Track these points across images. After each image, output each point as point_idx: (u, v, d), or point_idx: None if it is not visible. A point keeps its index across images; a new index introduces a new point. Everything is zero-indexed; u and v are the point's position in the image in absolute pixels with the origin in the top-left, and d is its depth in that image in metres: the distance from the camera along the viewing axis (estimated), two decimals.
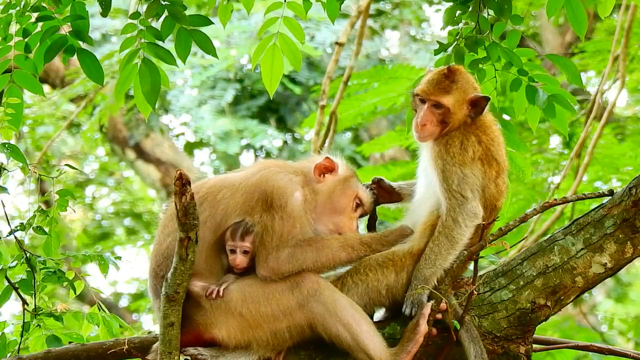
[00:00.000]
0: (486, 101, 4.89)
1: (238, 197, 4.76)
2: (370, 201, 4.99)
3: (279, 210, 4.70)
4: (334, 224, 4.88)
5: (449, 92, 4.87)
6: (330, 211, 4.88)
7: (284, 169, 4.86)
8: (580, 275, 4.72)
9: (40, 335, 5.31)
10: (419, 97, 4.93)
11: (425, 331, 4.65)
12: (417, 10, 16.10)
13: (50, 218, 5.32)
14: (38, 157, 11.80)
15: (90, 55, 5.10)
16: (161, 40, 5.10)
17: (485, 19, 5.36)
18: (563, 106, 5.29)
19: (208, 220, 4.74)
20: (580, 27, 5.32)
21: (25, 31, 5.07)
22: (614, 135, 11.49)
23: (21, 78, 5.12)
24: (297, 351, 4.76)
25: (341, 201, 4.89)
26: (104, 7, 5.10)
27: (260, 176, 4.78)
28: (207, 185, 4.83)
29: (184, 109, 15.24)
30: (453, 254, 4.74)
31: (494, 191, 4.85)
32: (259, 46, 5.43)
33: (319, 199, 4.86)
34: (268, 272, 4.68)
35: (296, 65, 5.42)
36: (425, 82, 4.93)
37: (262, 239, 4.68)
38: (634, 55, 10.37)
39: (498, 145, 4.91)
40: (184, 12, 5.05)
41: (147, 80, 5.13)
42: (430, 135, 4.88)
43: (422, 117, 4.87)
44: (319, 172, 4.89)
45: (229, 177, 4.87)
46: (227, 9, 5.43)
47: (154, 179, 16.08)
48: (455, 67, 4.96)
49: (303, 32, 5.43)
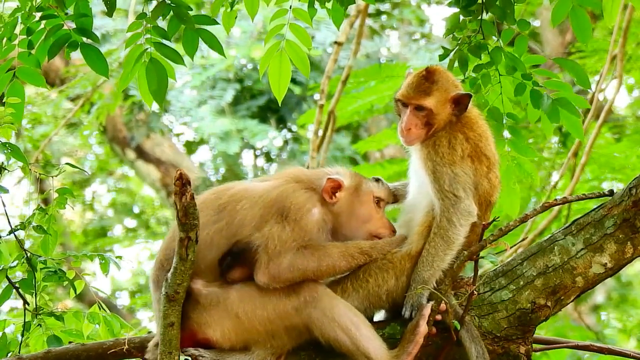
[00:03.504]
0: (468, 98, 4.87)
1: (256, 210, 4.76)
2: (386, 191, 5.00)
3: (293, 222, 4.71)
4: (368, 231, 4.90)
5: (430, 93, 4.86)
6: (359, 223, 4.90)
7: (304, 184, 4.87)
8: (580, 275, 4.73)
9: (41, 334, 5.31)
10: (401, 102, 4.93)
11: (425, 332, 4.65)
12: (416, 10, 16.11)
13: (49, 216, 5.32)
14: (37, 156, 11.79)
15: (93, 49, 5.12)
16: (168, 40, 5.11)
17: (488, 24, 5.37)
18: (568, 110, 5.29)
19: (224, 229, 4.75)
20: (584, 35, 5.33)
21: (29, 30, 5.08)
22: (611, 135, 11.51)
23: (24, 73, 5.13)
24: (297, 352, 4.76)
25: (363, 210, 4.91)
26: (109, 7, 5.11)
27: (280, 191, 4.79)
28: (229, 193, 4.83)
29: (184, 109, 15.24)
30: (450, 254, 4.74)
31: (487, 187, 4.85)
32: (267, 53, 5.46)
33: (343, 219, 4.88)
34: (268, 279, 4.67)
35: (305, 71, 5.45)
36: (405, 86, 4.92)
37: (265, 247, 4.68)
38: (631, 55, 10.38)
39: (486, 140, 4.90)
40: (189, 13, 5.06)
41: (154, 79, 5.14)
42: (416, 138, 4.88)
43: (406, 122, 4.86)
44: (329, 195, 4.89)
45: (250, 187, 4.86)
46: (230, 15, 5.45)
47: (154, 179, 16.08)
48: (433, 67, 4.94)
49: (309, 37, 5.46)
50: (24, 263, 5.25)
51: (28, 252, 5.22)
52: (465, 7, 5.36)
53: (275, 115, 15.70)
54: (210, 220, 4.71)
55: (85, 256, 5.35)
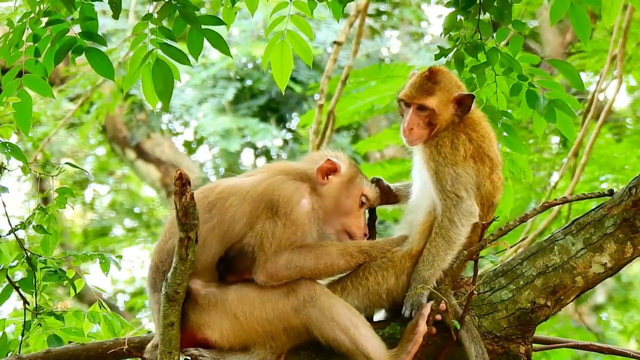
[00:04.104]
0: (471, 99, 4.87)
1: (246, 206, 4.74)
2: (375, 196, 4.98)
3: (283, 217, 4.69)
4: (342, 225, 4.88)
5: (432, 93, 4.86)
6: (337, 213, 4.87)
7: (291, 175, 4.85)
8: (580, 275, 4.73)
9: (41, 334, 5.32)
10: (404, 102, 4.93)
11: (425, 331, 4.65)
12: (416, 10, 16.11)
13: (49, 215, 5.33)
14: (35, 155, 11.79)
15: (98, 52, 5.11)
16: (173, 40, 5.11)
17: (486, 24, 5.38)
18: (564, 112, 5.31)
19: (216, 227, 4.74)
20: (583, 33, 5.34)
21: (36, 36, 5.09)
22: (611, 136, 11.51)
23: (31, 82, 5.13)
24: (296, 352, 4.76)
25: (347, 202, 4.89)
26: (115, 9, 5.11)
27: (267, 184, 4.77)
28: (216, 191, 4.81)
29: (185, 107, 15.25)
30: (451, 254, 4.74)
31: (489, 188, 4.85)
32: (269, 45, 5.47)
33: (326, 203, 4.85)
34: (266, 278, 4.66)
35: (308, 60, 5.46)
36: (408, 86, 4.92)
37: (261, 245, 4.67)
38: (631, 55, 10.38)
39: (489, 141, 4.90)
40: (195, 13, 5.06)
41: (160, 80, 5.14)
42: (419, 138, 4.88)
43: (409, 122, 4.86)
44: (322, 175, 4.88)
45: (237, 183, 4.84)
46: (231, 12, 5.46)
47: (154, 179, 16.09)
48: (436, 68, 4.94)
49: (311, 28, 5.47)
50: (24, 262, 5.26)
51: (28, 251, 5.23)
52: (463, 8, 5.37)
53: (276, 114, 15.71)
54: (201, 220, 4.67)
55: (86, 256, 5.36)
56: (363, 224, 4.92)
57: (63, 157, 16.40)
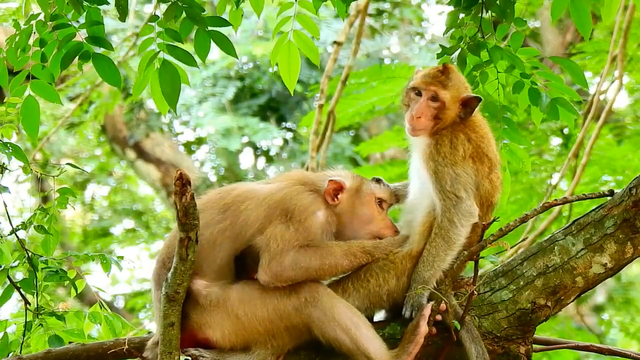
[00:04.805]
0: (477, 102, 4.88)
1: (260, 211, 4.76)
2: (389, 194, 5.00)
3: (297, 223, 4.72)
4: (371, 232, 4.90)
5: (446, 87, 4.87)
6: (361, 223, 4.90)
7: (308, 186, 4.88)
8: (580, 276, 4.73)
9: (42, 334, 5.32)
10: (416, 91, 4.91)
11: (426, 332, 4.65)
12: (417, 10, 16.11)
13: (50, 215, 5.33)
14: (34, 154, 11.79)
15: (105, 59, 5.09)
16: (180, 42, 5.10)
17: (488, 22, 5.38)
18: (566, 109, 5.31)
19: (228, 228, 4.75)
20: (585, 28, 5.34)
21: (42, 41, 5.08)
22: (612, 136, 11.51)
23: (38, 87, 5.13)
24: (297, 352, 4.76)
25: (365, 211, 4.91)
26: (122, 11, 5.10)
27: (285, 193, 4.80)
28: (233, 194, 4.84)
29: (185, 106, 15.25)
30: (451, 255, 4.74)
31: (488, 187, 4.85)
32: (276, 46, 5.47)
33: (345, 220, 4.88)
34: (270, 277, 4.67)
35: (314, 59, 5.47)
36: (421, 76, 4.92)
37: (267, 246, 4.69)
38: (632, 56, 10.38)
39: (488, 141, 4.90)
40: (202, 14, 5.06)
41: (167, 82, 5.13)
42: (423, 128, 4.87)
43: (418, 109, 4.85)
44: (331, 197, 4.89)
45: (256, 188, 4.86)
46: (237, 14, 5.45)
47: (154, 178, 16.09)
48: (449, 65, 4.96)
49: (317, 27, 5.48)
50: (25, 263, 5.26)
51: (29, 251, 5.23)
52: (466, 7, 5.37)
53: (276, 114, 15.72)
54: (214, 220, 4.72)
55: (87, 256, 5.36)
56: (390, 223, 4.95)
57: (63, 157, 16.40)
